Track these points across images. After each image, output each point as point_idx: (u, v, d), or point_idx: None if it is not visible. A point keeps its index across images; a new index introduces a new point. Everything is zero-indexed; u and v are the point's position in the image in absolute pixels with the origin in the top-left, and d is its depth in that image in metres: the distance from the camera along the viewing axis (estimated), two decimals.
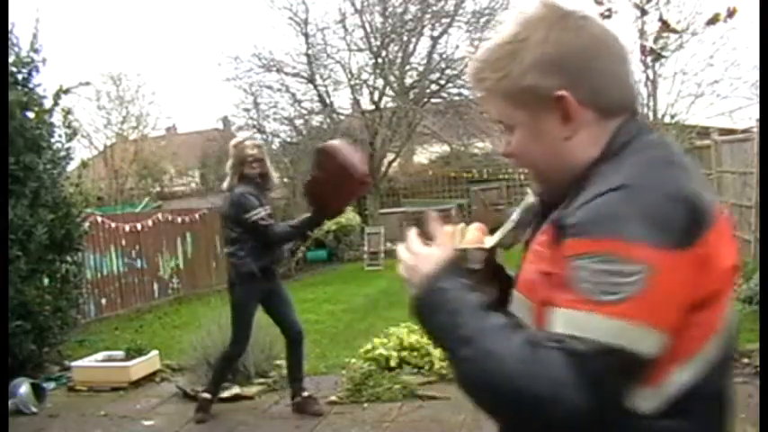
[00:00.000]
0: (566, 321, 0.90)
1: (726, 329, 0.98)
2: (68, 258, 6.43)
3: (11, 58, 5.98)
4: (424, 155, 19.81)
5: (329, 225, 14.44)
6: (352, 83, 16.73)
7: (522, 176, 16.50)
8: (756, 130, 7.32)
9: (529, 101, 1.02)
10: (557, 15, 1.01)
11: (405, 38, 16.35)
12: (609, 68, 1.02)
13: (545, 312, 0.95)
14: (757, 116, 6.91)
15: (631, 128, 1.03)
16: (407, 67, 16.84)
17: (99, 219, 9.34)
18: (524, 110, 1.03)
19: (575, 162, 1.03)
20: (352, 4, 16.08)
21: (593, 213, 0.92)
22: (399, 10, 16.21)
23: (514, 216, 1.23)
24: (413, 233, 1.13)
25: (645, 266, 0.87)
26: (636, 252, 0.88)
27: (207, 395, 4.71)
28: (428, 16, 16.23)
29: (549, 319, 0.93)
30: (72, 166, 7.14)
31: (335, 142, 4.37)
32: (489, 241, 1.20)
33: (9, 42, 5.94)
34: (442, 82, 16.91)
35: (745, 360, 4.87)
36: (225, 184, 4.62)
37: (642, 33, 8.14)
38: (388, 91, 16.72)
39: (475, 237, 1.18)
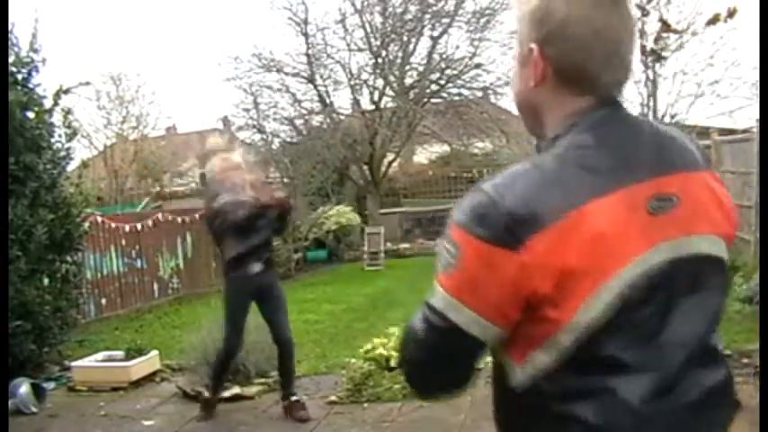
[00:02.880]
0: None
1: (580, 326, 1.03)
2: (68, 258, 6.43)
3: (11, 58, 5.98)
4: (424, 155, 19.80)
5: (329, 225, 14.47)
6: (352, 83, 16.73)
7: None
8: (756, 130, 7.32)
9: (520, 44, 1.16)
10: None
11: (405, 38, 16.34)
12: (586, 43, 1.08)
13: None
14: (757, 116, 6.91)
15: (582, 117, 1.11)
16: (407, 67, 16.83)
17: (99, 219, 9.34)
18: (518, 51, 1.17)
19: (537, 111, 1.16)
20: (352, 4, 16.07)
21: (463, 200, 1.09)
22: (399, 10, 16.20)
23: None
24: None
25: (459, 249, 1.03)
26: (458, 236, 1.04)
27: (207, 394, 4.72)
28: (428, 16, 16.22)
29: None
30: (72, 166, 7.15)
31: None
32: None
33: (9, 42, 5.94)
34: (442, 82, 16.90)
35: (745, 360, 4.87)
36: None
37: (642, 33, 8.15)
38: (388, 91, 16.71)
39: None
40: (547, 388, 1.07)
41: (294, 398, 4.68)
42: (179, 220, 11.20)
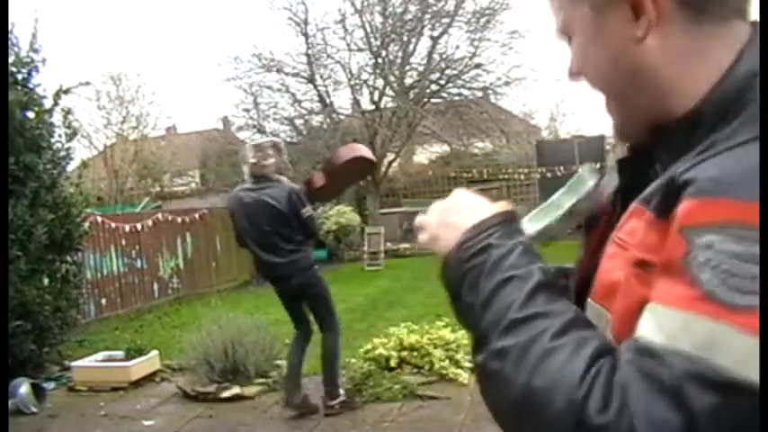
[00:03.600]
0: (666, 326, 0.59)
1: None
2: (68, 258, 6.43)
3: (11, 58, 5.98)
4: (424, 155, 19.82)
5: (329, 225, 14.46)
6: (352, 83, 16.74)
7: (523, 176, 16.51)
8: None
9: None
10: None
11: (405, 38, 16.35)
12: None
13: (633, 320, 0.63)
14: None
15: (758, 54, 0.69)
16: (407, 67, 16.85)
17: (99, 219, 9.34)
18: (583, 4, 0.75)
19: (653, 75, 0.72)
20: (352, 4, 16.09)
21: (734, 166, 0.61)
22: (399, 10, 16.22)
23: (562, 195, 0.94)
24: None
25: None
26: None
27: (334, 402, 4.59)
28: (428, 16, 16.24)
29: (638, 323, 0.62)
30: (72, 166, 7.14)
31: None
32: (529, 228, 0.92)
33: (9, 42, 5.94)
34: (442, 82, 16.92)
35: None
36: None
37: None
38: (388, 91, 16.72)
39: None
40: None
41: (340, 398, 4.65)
42: (179, 220, 11.20)
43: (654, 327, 0.59)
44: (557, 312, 0.66)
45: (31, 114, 6.13)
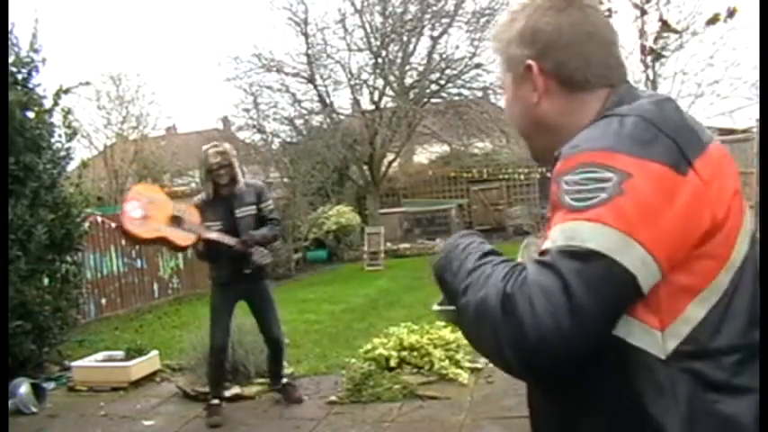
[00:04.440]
0: (552, 238, 0.91)
1: (738, 265, 0.96)
2: (68, 258, 6.43)
3: (11, 58, 5.98)
4: (424, 155, 19.81)
5: (329, 225, 14.46)
6: (352, 83, 16.73)
7: (523, 176, 16.52)
8: (756, 130, 7.32)
9: (512, 67, 1.15)
10: None
11: (405, 38, 16.34)
12: (579, 48, 1.09)
13: None
14: (757, 116, 6.91)
15: (617, 96, 1.08)
16: (407, 67, 16.83)
17: (99, 219, 9.34)
18: (510, 74, 1.16)
19: (548, 125, 1.12)
20: (352, 4, 16.08)
21: (580, 136, 0.99)
22: (399, 10, 16.21)
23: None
24: None
25: (622, 172, 0.89)
26: (615, 160, 0.90)
27: (214, 401, 4.74)
28: (428, 16, 16.23)
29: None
30: (72, 166, 7.15)
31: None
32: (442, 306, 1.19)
33: (9, 42, 5.94)
34: (442, 82, 16.91)
35: None
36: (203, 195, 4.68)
37: (642, 33, 8.14)
38: (388, 91, 16.72)
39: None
40: (698, 364, 0.91)
41: (284, 380, 4.93)
42: None
43: (547, 241, 0.92)
44: (495, 259, 0.99)
45: (31, 114, 6.13)
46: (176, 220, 4.44)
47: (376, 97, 16.80)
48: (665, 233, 0.88)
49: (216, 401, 4.74)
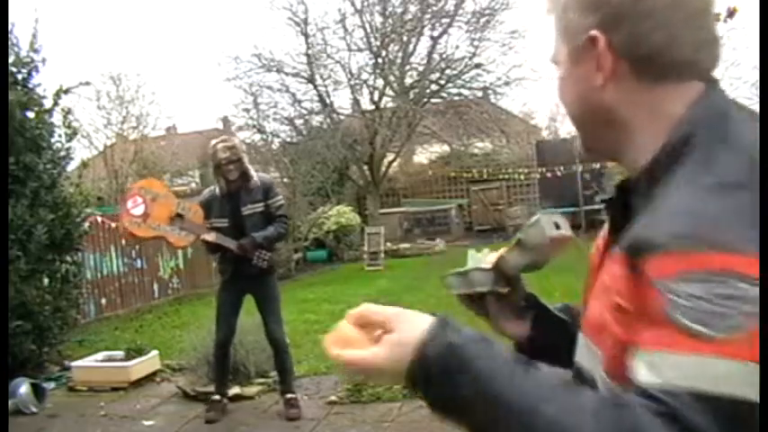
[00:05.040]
0: (656, 366, 0.68)
1: None
2: (68, 258, 6.43)
3: (11, 58, 5.98)
4: (424, 155, 19.83)
5: (329, 225, 14.47)
6: (352, 83, 16.75)
7: (523, 176, 16.52)
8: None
9: (569, 38, 0.90)
10: None
11: (405, 38, 16.36)
12: (663, 18, 0.82)
13: (622, 360, 0.74)
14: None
15: (710, 105, 0.82)
16: (407, 67, 16.85)
17: (99, 219, 9.34)
18: (566, 47, 0.91)
19: (612, 117, 0.87)
20: (352, 4, 16.10)
21: (688, 219, 0.71)
22: (399, 10, 16.23)
23: (538, 220, 1.00)
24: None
25: (746, 284, 0.66)
26: (754, 268, 0.66)
27: (216, 396, 4.74)
28: (428, 16, 16.25)
29: (631, 367, 0.71)
30: (72, 166, 7.14)
31: None
32: (493, 257, 1.04)
33: (9, 42, 5.94)
34: (442, 82, 16.93)
35: None
36: (216, 190, 4.64)
37: None
38: (388, 91, 16.73)
39: (486, 258, 1.05)
40: None
41: (289, 395, 4.72)
42: None
43: (650, 370, 0.69)
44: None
45: (31, 114, 6.13)
46: (178, 219, 4.44)
47: (376, 97, 16.82)
48: None
49: (217, 397, 4.74)
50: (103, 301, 9.37)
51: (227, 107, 33.64)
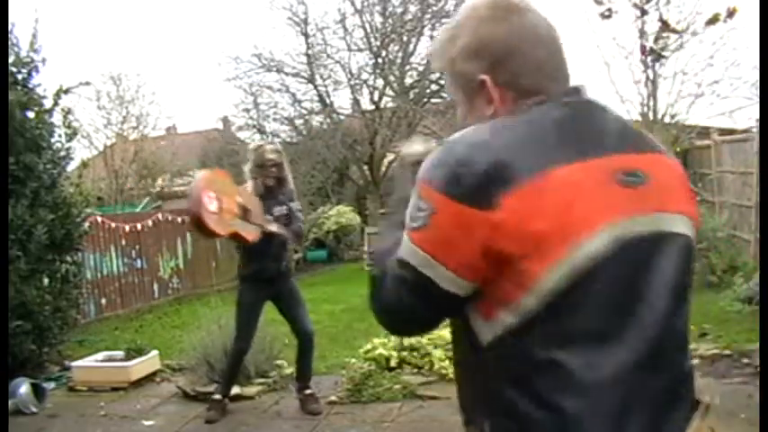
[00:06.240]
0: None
1: (545, 292, 1.00)
2: (68, 258, 6.43)
3: (11, 58, 5.98)
4: None
5: (329, 225, 14.47)
6: (352, 83, 16.74)
7: None
8: (756, 130, 7.32)
9: (462, 83, 1.17)
10: (490, 7, 1.15)
11: (405, 38, 16.35)
12: (530, 55, 1.12)
13: None
14: (757, 116, 6.91)
15: (531, 103, 1.11)
16: (407, 67, 16.84)
17: (99, 219, 9.34)
18: (461, 90, 1.18)
19: None
20: (352, 4, 16.08)
21: (426, 162, 1.09)
22: (399, 10, 16.21)
23: None
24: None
25: (431, 206, 1.03)
26: (429, 195, 1.03)
27: (217, 396, 4.74)
28: (428, 16, 16.23)
29: None
30: (72, 166, 7.15)
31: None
32: None
33: (9, 42, 5.94)
34: (442, 82, 16.88)
35: (745, 360, 4.88)
36: (250, 188, 4.63)
37: (642, 33, 8.15)
38: (388, 91, 16.72)
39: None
40: (511, 350, 1.03)
41: (308, 391, 4.78)
42: (179, 219, 11.18)
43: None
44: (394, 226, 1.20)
45: (31, 114, 6.13)
46: (243, 211, 4.27)
47: (376, 97, 16.81)
48: (459, 255, 1.03)
49: (218, 397, 4.74)
50: (103, 301, 9.37)
51: (227, 107, 33.61)
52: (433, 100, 17.22)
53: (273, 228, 4.46)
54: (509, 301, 1.02)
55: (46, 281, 6.13)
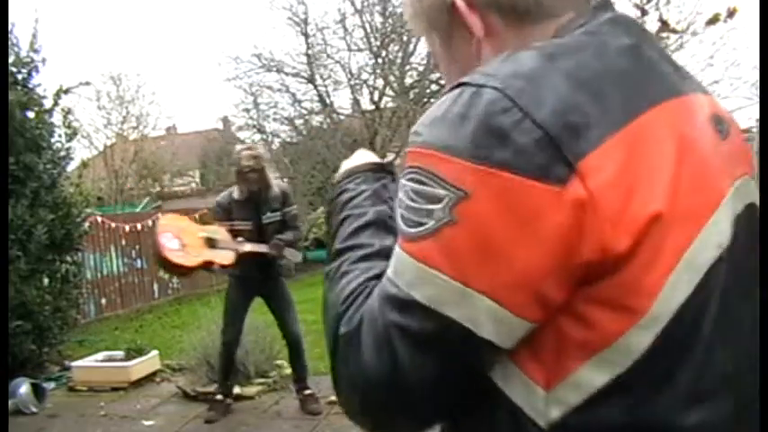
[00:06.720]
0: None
1: (668, 315, 0.61)
2: (68, 258, 6.43)
3: (11, 58, 5.98)
4: None
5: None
6: (352, 83, 16.73)
7: None
8: (756, 130, 7.32)
9: (434, 21, 0.81)
10: None
11: (405, 38, 16.34)
12: None
13: None
14: (757, 116, 6.92)
15: (572, 25, 0.73)
16: (407, 67, 16.83)
17: (99, 219, 9.34)
18: (435, 32, 0.83)
19: None
20: (352, 4, 16.08)
21: (425, 114, 0.70)
22: (399, 10, 16.21)
23: None
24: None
25: (456, 188, 0.61)
26: (451, 167, 0.61)
27: (219, 396, 4.75)
28: None
29: None
30: (72, 166, 7.15)
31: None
32: None
33: (9, 42, 5.94)
34: (442, 82, 16.90)
35: None
36: (235, 194, 4.65)
37: None
38: (388, 91, 16.72)
39: None
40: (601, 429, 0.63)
41: (307, 391, 4.80)
42: None
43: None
44: (365, 245, 0.77)
45: (31, 114, 6.13)
46: (209, 242, 4.40)
47: (376, 97, 16.81)
48: (512, 271, 0.60)
49: (219, 398, 4.75)
50: (103, 301, 9.37)
51: (228, 107, 33.70)
52: (433, 100, 17.22)
53: (248, 248, 4.46)
54: (599, 343, 0.61)
55: (46, 281, 6.13)
